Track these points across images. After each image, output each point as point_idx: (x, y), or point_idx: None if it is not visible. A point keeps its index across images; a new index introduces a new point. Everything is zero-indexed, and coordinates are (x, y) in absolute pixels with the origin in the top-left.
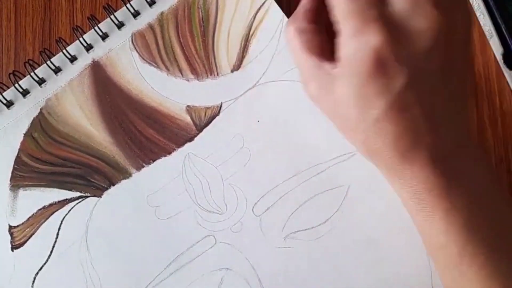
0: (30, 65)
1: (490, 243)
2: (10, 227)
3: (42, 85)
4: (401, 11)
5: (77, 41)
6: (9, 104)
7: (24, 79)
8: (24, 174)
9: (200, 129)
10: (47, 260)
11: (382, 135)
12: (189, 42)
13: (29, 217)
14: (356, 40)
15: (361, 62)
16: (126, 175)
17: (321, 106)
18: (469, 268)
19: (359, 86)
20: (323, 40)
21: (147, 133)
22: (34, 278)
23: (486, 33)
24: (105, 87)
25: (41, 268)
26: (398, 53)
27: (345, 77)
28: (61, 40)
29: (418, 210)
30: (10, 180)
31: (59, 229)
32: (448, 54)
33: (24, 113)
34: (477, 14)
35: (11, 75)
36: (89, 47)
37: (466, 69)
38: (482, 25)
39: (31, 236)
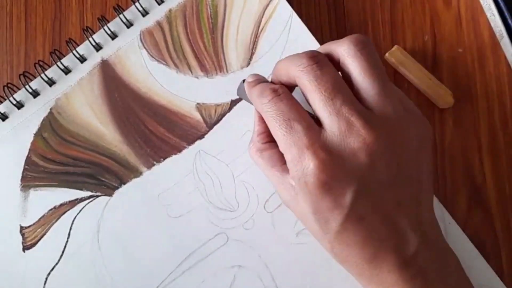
0: (40, 66)
1: None
2: (22, 228)
3: (52, 85)
4: (334, 135)
5: (87, 41)
6: (19, 105)
7: (34, 80)
8: (35, 174)
9: (210, 126)
10: (58, 260)
11: (346, 245)
12: (197, 39)
13: (40, 218)
14: (296, 168)
15: (306, 185)
16: (137, 173)
17: (294, 212)
18: None
19: (313, 203)
20: (280, 154)
21: (157, 131)
22: (46, 279)
23: (497, 34)
24: (114, 86)
25: (52, 269)
26: (337, 172)
27: (300, 194)
28: (71, 41)
29: None
30: (21, 181)
31: (70, 229)
32: (394, 163)
33: (34, 114)
34: (488, 15)
35: (22, 76)
36: (98, 47)
37: (421, 169)
38: (493, 26)
39: (42, 236)
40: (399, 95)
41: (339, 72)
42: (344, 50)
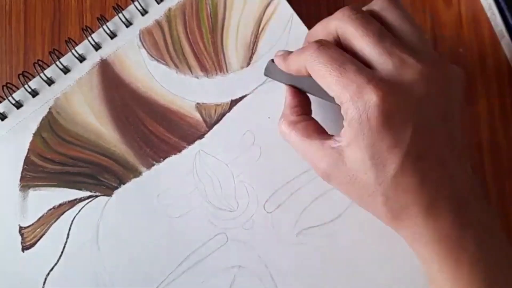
0: (39, 65)
1: None
2: (21, 228)
3: (51, 85)
4: (389, 72)
5: (86, 40)
6: (18, 104)
7: (34, 80)
8: (34, 174)
9: (210, 126)
10: (58, 261)
11: (402, 191)
12: (197, 38)
13: (40, 218)
14: (358, 103)
15: (367, 121)
16: (136, 173)
17: (334, 182)
18: None
19: (370, 145)
20: (316, 124)
21: (157, 131)
22: (45, 279)
23: (498, 34)
24: (113, 85)
25: (52, 269)
26: (399, 104)
27: (353, 144)
28: (70, 40)
29: (443, 266)
30: (20, 181)
31: (69, 229)
32: (443, 101)
33: (33, 113)
34: (488, 14)
35: (21, 76)
36: (97, 46)
37: (459, 117)
38: (493, 25)
39: (41, 236)
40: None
41: None
42: (379, 6)
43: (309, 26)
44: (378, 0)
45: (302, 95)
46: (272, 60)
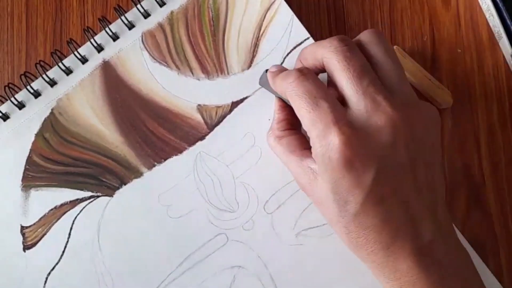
0: (41, 66)
1: None
2: (22, 228)
3: (54, 86)
4: (360, 113)
5: (88, 42)
6: (20, 105)
7: (36, 81)
8: (36, 174)
9: (211, 128)
10: (59, 260)
11: (362, 229)
12: (199, 41)
13: (41, 217)
14: (321, 143)
15: (329, 161)
16: (138, 174)
17: (311, 198)
18: None
19: (333, 182)
20: (300, 138)
21: (158, 132)
22: (46, 279)
23: (496, 35)
24: (115, 87)
25: (53, 268)
26: (361, 149)
27: (321, 172)
28: (72, 41)
29: None
30: (22, 181)
31: (71, 229)
32: (413, 146)
33: (35, 114)
34: (487, 15)
35: (23, 76)
36: (100, 48)
37: (435, 158)
38: (491, 26)
39: (43, 236)
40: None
41: None
42: (367, 39)
43: (309, 28)
44: (366, 32)
45: (289, 109)
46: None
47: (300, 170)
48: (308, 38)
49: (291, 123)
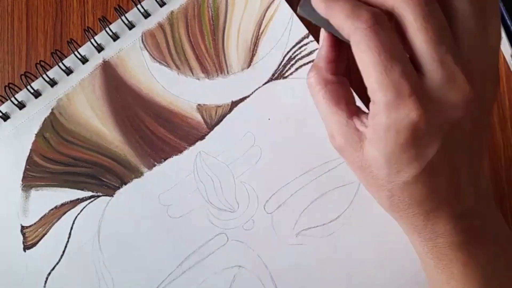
0: (41, 66)
1: None
2: (22, 228)
3: (54, 86)
4: (435, 84)
5: (88, 42)
6: (21, 105)
7: (36, 81)
8: (36, 174)
9: (211, 127)
10: (59, 260)
11: (409, 196)
12: (199, 41)
13: (41, 217)
14: (391, 113)
15: (396, 133)
16: (138, 174)
17: (347, 159)
18: None
19: (391, 153)
20: (349, 92)
21: (158, 132)
22: (47, 278)
23: None
24: (116, 87)
25: (53, 268)
26: (432, 124)
27: (376, 141)
28: (72, 41)
29: (436, 263)
30: (22, 181)
31: (71, 229)
32: (477, 121)
33: (35, 114)
34: None
35: (23, 77)
36: (100, 48)
37: (487, 130)
38: None
39: (43, 236)
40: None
41: None
42: None
43: (309, 27)
44: None
45: (342, 49)
46: None
47: (343, 128)
48: (308, 36)
49: (341, 68)
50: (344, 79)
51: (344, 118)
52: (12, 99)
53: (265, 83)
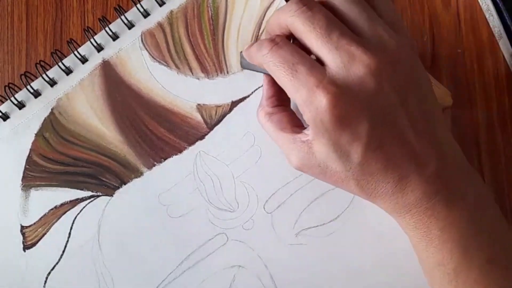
0: (41, 66)
1: (484, 258)
2: (22, 227)
3: (54, 86)
4: (339, 69)
5: (88, 42)
6: (20, 105)
7: (36, 80)
8: (36, 174)
9: (211, 127)
10: (59, 260)
11: (370, 175)
12: (198, 40)
13: (41, 217)
14: (309, 108)
15: (322, 124)
16: (138, 174)
17: (308, 172)
18: (464, 283)
19: (332, 142)
20: (291, 115)
21: (158, 132)
22: (46, 278)
23: (496, 34)
24: (115, 86)
25: (53, 268)
26: (349, 103)
27: (316, 139)
28: (72, 41)
29: (416, 232)
30: (22, 180)
31: (71, 228)
32: (398, 84)
33: (35, 114)
34: (486, 15)
35: (23, 76)
36: (99, 48)
37: (425, 89)
38: (491, 26)
39: (43, 236)
40: (391, 16)
41: None
42: None
43: None
44: None
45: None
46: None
47: (292, 146)
48: None
49: (282, 99)
50: (286, 108)
51: (290, 137)
52: (12, 99)
53: None
